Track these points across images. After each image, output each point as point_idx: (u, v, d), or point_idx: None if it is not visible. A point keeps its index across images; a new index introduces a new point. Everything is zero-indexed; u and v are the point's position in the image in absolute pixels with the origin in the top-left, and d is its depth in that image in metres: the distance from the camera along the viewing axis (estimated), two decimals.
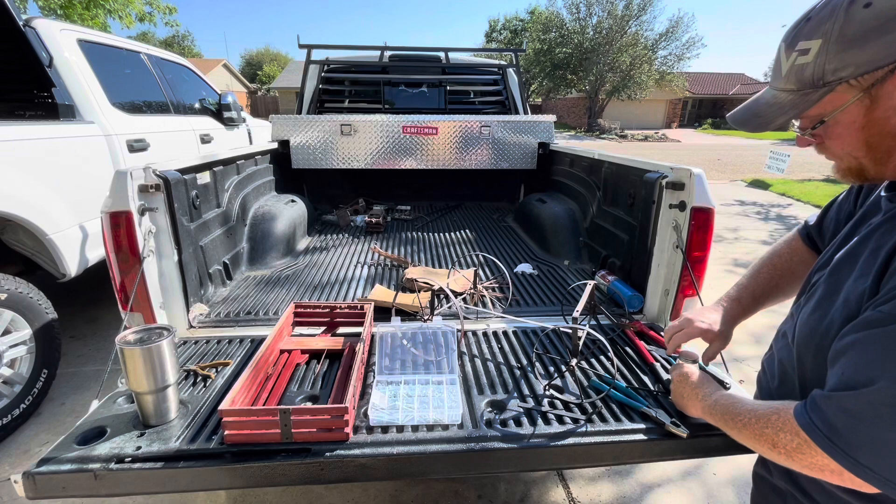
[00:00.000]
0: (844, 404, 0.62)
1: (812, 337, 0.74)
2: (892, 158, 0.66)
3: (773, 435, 0.71)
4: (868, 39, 0.59)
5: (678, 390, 1.07)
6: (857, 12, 0.60)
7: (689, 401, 1.02)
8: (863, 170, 0.70)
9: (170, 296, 1.68)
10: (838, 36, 0.61)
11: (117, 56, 3.25)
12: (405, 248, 2.84)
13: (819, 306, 0.74)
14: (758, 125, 0.73)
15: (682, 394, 1.05)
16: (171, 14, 8.88)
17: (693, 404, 1.01)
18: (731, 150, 17.14)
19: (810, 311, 0.77)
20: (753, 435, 0.75)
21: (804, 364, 0.77)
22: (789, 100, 0.68)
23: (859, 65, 0.60)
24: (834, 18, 0.61)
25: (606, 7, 25.56)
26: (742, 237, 5.80)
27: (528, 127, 3.67)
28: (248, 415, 1.08)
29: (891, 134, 0.64)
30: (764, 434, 0.72)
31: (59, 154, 2.42)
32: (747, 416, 0.78)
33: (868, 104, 0.63)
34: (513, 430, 1.15)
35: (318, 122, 3.48)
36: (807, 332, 0.76)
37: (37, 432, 2.20)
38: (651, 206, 1.81)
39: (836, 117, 0.66)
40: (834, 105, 0.65)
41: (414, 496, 1.85)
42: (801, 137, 0.73)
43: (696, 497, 1.89)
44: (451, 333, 1.49)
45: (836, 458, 0.62)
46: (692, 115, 34.35)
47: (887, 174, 0.69)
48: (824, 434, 0.63)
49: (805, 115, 0.68)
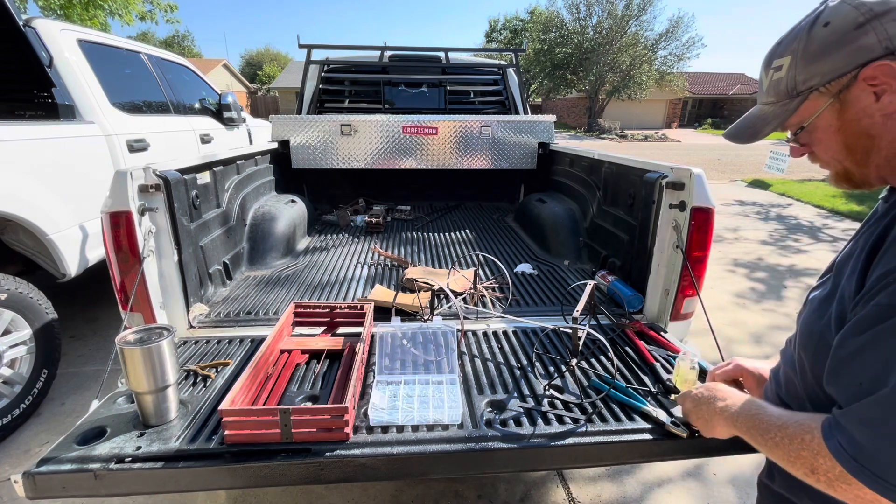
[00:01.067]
0: (864, 414, 0.59)
1: (811, 338, 0.74)
2: (871, 159, 0.71)
3: (812, 459, 0.64)
4: (828, 52, 0.68)
5: (699, 415, 0.94)
6: (818, 31, 0.68)
7: (713, 421, 0.89)
8: (849, 173, 0.75)
9: (170, 296, 1.68)
10: (803, 52, 0.70)
11: (117, 56, 3.25)
12: (405, 248, 2.84)
13: (819, 307, 0.75)
14: (749, 136, 0.82)
15: (703, 418, 0.92)
16: (172, 11, 8.87)
17: (718, 423, 0.88)
18: (731, 150, 17.14)
19: (809, 313, 0.77)
20: (788, 458, 0.68)
21: (805, 368, 0.77)
22: (772, 111, 0.77)
23: (824, 74, 0.69)
24: (799, 39, 0.71)
25: (606, 7, 25.53)
26: (742, 237, 5.80)
27: (528, 127, 3.67)
28: (248, 415, 1.08)
29: (864, 134, 0.69)
30: (801, 457, 0.65)
31: (59, 154, 2.42)
32: (777, 433, 0.71)
33: (839, 108, 0.70)
34: (513, 430, 1.15)
35: (318, 122, 3.48)
36: (807, 333, 0.76)
37: (37, 432, 2.20)
38: (651, 206, 1.81)
39: (814, 123, 0.73)
40: (810, 112, 0.73)
41: (414, 496, 1.85)
42: (794, 147, 0.80)
43: (696, 497, 1.89)
44: (451, 333, 1.49)
45: (864, 482, 0.57)
46: (692, 115, 34.33)
47: (871, 176, 0.73)
48: (850, 455, 0.58)
49: (787, 123, 0.76)
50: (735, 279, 4.36)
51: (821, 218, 6.92)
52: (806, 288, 3.96)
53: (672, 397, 1.30)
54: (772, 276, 4.44)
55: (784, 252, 5.21)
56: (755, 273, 4.52)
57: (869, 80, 0.65)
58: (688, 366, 1.29)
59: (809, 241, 5.70)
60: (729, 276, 4.43)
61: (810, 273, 4.54)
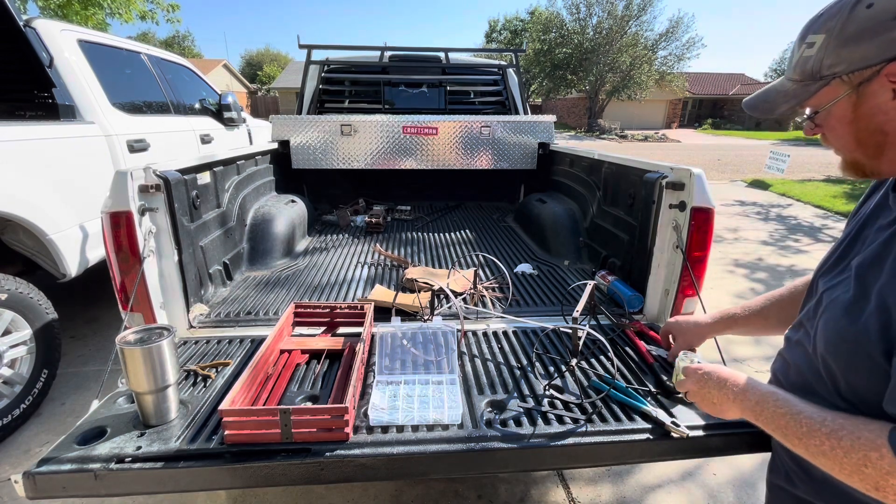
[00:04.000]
0: None
1: (841, 345, 0.70)
2: (884, 154, 0.69)
3: (878, 478, 0.59)
4: (862, 39, 0.64)
5: (705, 397, 0.91)
6: (860, 12, 0.64)
7: (723, 405, 0.86)
8: (859, 164, 0.73)
9: (170, 296, 1.68)
10: (839, 32, 0.66)
11: (117, 56, 3.25)
12: (405, 248, 2.84)
13: (847, 312, 0.70)
14: (765, 110, 0.80)
15: (710, 400, 0.89)
16: (174, 11, 8.86)
17: (728, 407, 0.85)
18: (731, 151, 17.14)
19: (835, 317, 0.72)
20: (842, 470, 0.64)
21: (834, 373, 0.72)
22: (793, 89, 0.74)
23: (851, 62, 0.66)
24: (839, 16, 0.66)
25: (606, 7, 25.54)
26: (742, 237, 5.80)
27: (528, 127, 3.67)
28: (248, 415, 1.08)
29: (878, 129, 0.68)
30: (863, 473, 0.61)
31: (59, 154, 2.42)
32: (826, 441, 0.65)
33: (855, 100, 0.68)
34: (513, 430, 1.15)
35: (318, 122, 3.48)
36: (835, 340, 0.72)
37: (37, 432, 2.20)
38: (651, 207, 1.81)
39: (830, 110, 0.71)
40: (828, 98, 0.70)
41: (414, 496, 1.85)
42: (807, 126, 0.78)
43: (696, 497, 1.89)
44: (451, 333, 1.49)
45: None
46: (692, 116, 34.34)
47: (883, 169, 0.71)
48: None
49: (804, 104, 0.74)
50: (735, 279, 4.36)
51: (821, 218, 6.92)
52: None
53: (673, 381, 1.30)
54: (772, 276, 4.44)
55: (784, 252, 5.21)
56: (755, 273, 4.51)
57: (891, 76, 0.63)
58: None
59: (809, 241, 5.70)
60: (729, 277, 4.43)
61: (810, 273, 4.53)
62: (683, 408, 1.24)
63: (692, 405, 1.25)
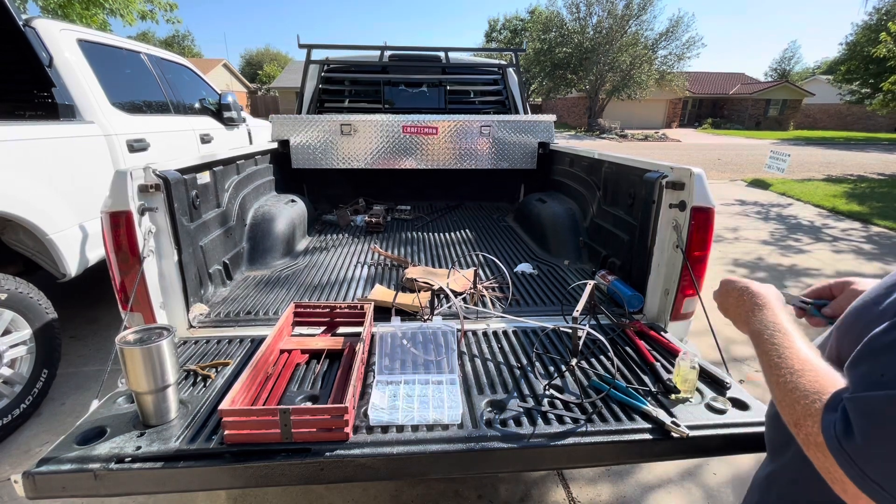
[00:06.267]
0: (870, 406, 0.57)
1: (856, 322, 0.70)
2: None
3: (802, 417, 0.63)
4: None
5: (722, 303, 0.96)
6: None
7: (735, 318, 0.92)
8: None
9: (170, 296, 1.68)
10: None
11: (117, 56, 3.25)
12: (405, 248, 2.84)
13: (873, 295, 0.69)
14: None
15: (725, 307, 0.95)
16: (172, 10, 8.85)
17: (738, 323, 0.91)
18: (732, 150, 17.12)
19: (860, 301, 0.71)
20: (783, 399, 0.67)
21: (842, 352, 0.71)
22: None
23: None
24: None
25: (606, 7, 25.53)
26: (742, 237, 5.80)
27: (528, 127, 3.67)
28: (248, 415, 1.08)
29: None
30: (793, 408, 0.65)
31: (59, 154, 2.42)
32: (786, 374, 0.68)
33: None
34: (513, 430, 1.15)
35: (318, 121, 3.48)
36: (852, 319, 0.72)
37: (37, 432, 2.20)
38: (651, 206, 1.81)
39: None
40: None
41: (414, 496, 1.85)
42: None
43: (696, 497, 1.89)
44: (451, 333, 1.49)
45: (841, 465, 0.57)
46: (692, 115, 34.31)
47: None
48: (835, 435, 0.58)
49: None
50: None
51: (821, 218, 6.92)
52: (805, 287, 3.95)
53: (674, 380, 1.31)
54: (772, 276, 4.44)
55: (784, 252, 5.21)
56: (755, 273, 4.51)
57: None
58: (688, 366, 1.29)
59: (810, 240, 5.70)
60: (729, 276, 4.42)
61: (811, 273, 4.54)
62: (683, 408, 1.25)
63: (692, 405, 1.25)
